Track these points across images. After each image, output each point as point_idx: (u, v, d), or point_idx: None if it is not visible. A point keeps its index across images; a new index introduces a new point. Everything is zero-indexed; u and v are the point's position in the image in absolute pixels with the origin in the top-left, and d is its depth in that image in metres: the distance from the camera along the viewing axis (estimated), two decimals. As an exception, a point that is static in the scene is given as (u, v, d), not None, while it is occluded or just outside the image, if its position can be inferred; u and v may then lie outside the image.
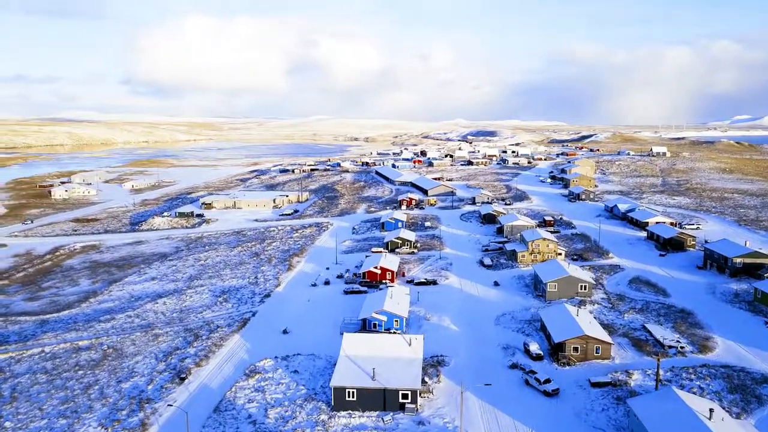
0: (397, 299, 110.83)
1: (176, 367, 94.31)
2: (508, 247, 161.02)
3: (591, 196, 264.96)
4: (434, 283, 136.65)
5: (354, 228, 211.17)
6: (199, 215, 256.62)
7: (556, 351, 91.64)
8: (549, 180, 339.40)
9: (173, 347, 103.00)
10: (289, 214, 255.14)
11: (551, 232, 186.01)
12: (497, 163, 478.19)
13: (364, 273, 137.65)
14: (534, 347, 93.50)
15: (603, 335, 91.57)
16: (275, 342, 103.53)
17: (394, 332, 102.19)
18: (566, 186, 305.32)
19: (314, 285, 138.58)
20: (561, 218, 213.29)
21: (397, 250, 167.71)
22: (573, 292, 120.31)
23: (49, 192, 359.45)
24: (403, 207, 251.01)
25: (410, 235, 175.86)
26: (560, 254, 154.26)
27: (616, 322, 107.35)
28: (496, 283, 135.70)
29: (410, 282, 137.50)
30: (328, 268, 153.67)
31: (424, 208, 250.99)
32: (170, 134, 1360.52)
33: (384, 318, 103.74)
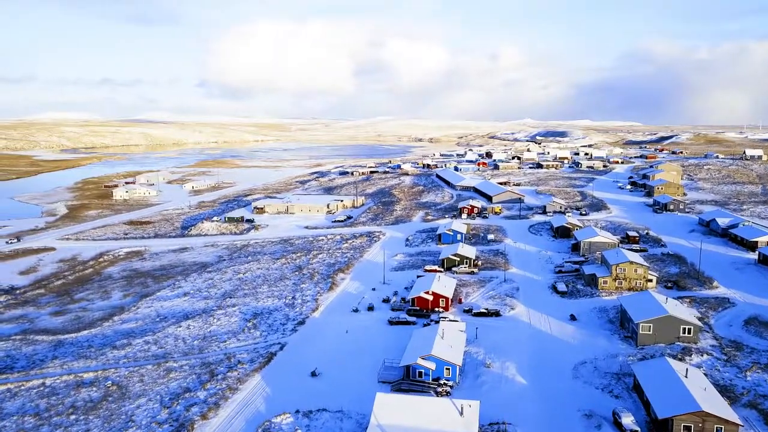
0: (450, 339, 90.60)
1: (179, 417, 78.32)
2: (587, 269, 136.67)
3: (680, 207, 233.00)
4: (497, 314, 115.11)
5: (407, 239, 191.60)
6: (249, 220, 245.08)
7: (659, 429, 68.70)
8: (629, 186, 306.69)
9: (183, 388, 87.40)
10: (341, 221, 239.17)
11: (637, 251, 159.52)
12: (569, 167, 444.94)
13: (413, 299, 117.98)
14: (628, 420, 70.84)
15: (726, 410, 67.78)
16: (300, 388, 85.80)
17: (444, 384, 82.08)
18: (649, 194, 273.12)
19: (356, 310, 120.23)
20: (647, 233, 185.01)
21: (454, 268, 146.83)
22: (673, 336, 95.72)
23: (112, 192, 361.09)
24: (464, 216, 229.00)
25: (470, 251, 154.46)
26: (651, 281, 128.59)
27: (735, 383, 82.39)
28: (572, 317, 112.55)
29: (468, 311, 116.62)
30: (374, 289, 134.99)
31: (487, 217, 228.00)
32: (239, 135, 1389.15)
33: (432, 366, 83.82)
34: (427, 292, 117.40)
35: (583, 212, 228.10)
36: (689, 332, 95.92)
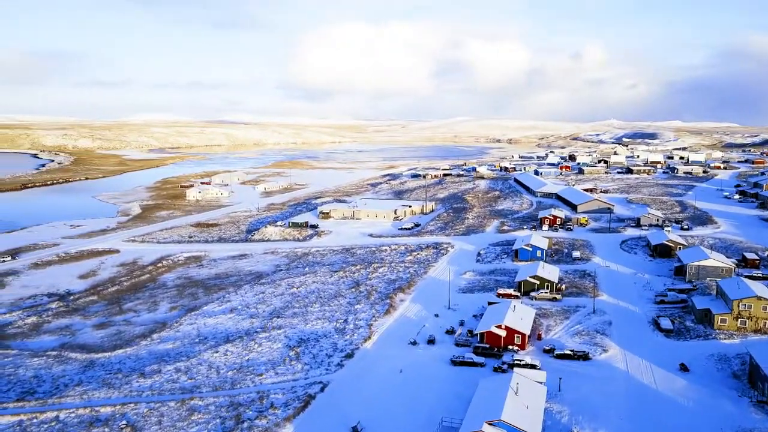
0: (526, 396, 71.77)
1: (189, 480, 64.63)
2: (697, 302, 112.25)
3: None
4: (585, 357, 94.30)
5: (479, 254, 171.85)
6: (313, 226, 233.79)
7: None
8: (737, 196, 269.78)
9: (203, 436, 74.00)
10: (408, 229, 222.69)
11: (759, 278, 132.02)
12: (663, 172, 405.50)
13: (482, 333, 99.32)
14: None
15: None
16: (337, 448, 70.05)
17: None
18: (764, 205, 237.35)
19: (414, 343, 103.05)
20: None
21: (533, 293, 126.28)
22: (831, 408, 71.82)
23: (186, 193, 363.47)
24: (545, 227, 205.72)
25: (552, 273, 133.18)
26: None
27: None
28: (683, 367, 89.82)
29: (549, 351, 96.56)
30: (436, 315, 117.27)
31: (571, 230, 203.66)
32: (316, 136, 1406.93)
33: (501, 434, 65.46)
34: (500, 326, 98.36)
35: (685, 226, 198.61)
36: None
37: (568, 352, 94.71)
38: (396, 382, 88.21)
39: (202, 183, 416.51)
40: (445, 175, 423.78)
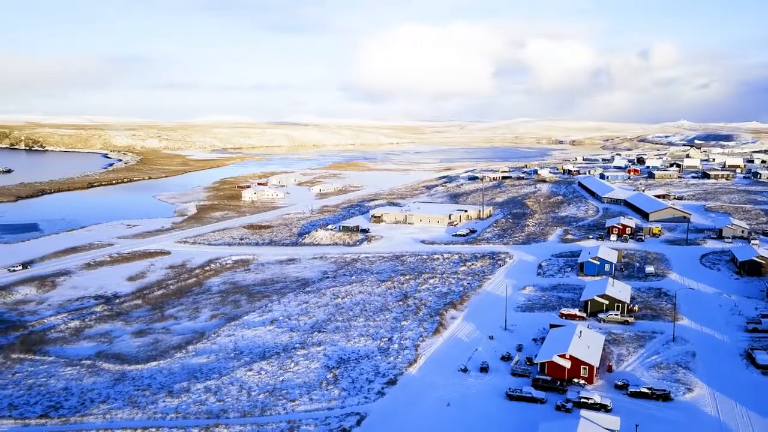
0: (595, 450, 59.83)
1: None
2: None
3: None
4: (666, 397, 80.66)
5: (540, 266, 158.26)
6: (364, 230, 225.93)
7: None
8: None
9: (224, 472, 66.23)
10: (463, 235, 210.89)
11: None
12: (744, 177, 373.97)
13: (543, 363, 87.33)
14: None
15: None
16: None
17: None
18: None
19: (464, 370, 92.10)
20: None
21: (600, 315, 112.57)
22: None
23: (242, 194, 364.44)
24: (613, 237, 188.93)
25: (624, 292, 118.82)
26: None
27: None
28: (789, 417, 75.01)
29: (622, 388, 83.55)
30: (491, 338, 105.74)
31: (643, 240, 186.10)
32: (375, 137, 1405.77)
33: (567, 502, 53.96)
34: (563, 355, 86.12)
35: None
36: None
37: (645, 391, 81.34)
38: (442, 417, 77.80)
39: (258, 184, 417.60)
40: (504, 177, 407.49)
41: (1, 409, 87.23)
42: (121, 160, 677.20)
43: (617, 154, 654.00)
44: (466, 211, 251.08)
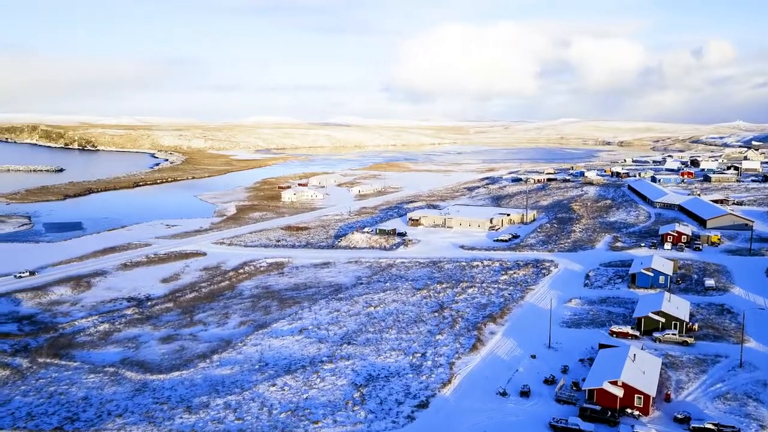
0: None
1: None
2: None
3: None
4: (734, 435, 70.98)
5: (587, 276, 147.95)
6: (401, 234, 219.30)
7: None
8: None
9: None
10: (504, 241, 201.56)
11: None
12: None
13: (591, 391, 78.58)
14: None
15: None
16: None
17: None
18: None
19: (503, 394, 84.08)
20: None
21: (656, 334, 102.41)
22: None
23: (281, 194, 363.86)
24: (667, 245, 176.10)
25: (682, 309, 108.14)
26: None
27: None
28: None
29: (682, 422, 74.10)
30: (533, 357, 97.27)
31: (700, 249, 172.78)
32: (417, 138, 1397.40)
33: None
34: (615, 382, 77.20)
35: None
36: None
37: (711, 427, 71.68)
38: (477, 449, 70.38)
39: (299, 185, 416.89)
40: (549, 179, 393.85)
41: (19, 418, 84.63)
42: (167, 160, 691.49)
43: (669, 156, 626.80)
44: (508, 214, 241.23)
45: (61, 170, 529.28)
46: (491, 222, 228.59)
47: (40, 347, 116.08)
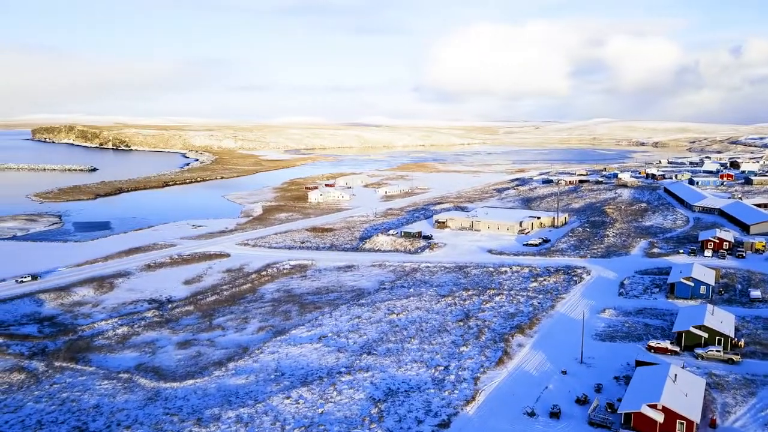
0: None
1: None
2: None
3: None
4: (790, 470, 64.06)
5: (622, 284, 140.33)
6: (426, 237, 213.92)
7: None
8: None
9: None
10: (535, 245, 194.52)
11: None
12: None
13: (628, 414, 72.34)
14: None
15: None
16: None
17: None
18: None
19: (531, 414, 78.36)
20: None
21: (699, 351, 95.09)
22: None
23: (308, 195, 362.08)
24: (708, 252, 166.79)
25: (726, 323, 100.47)
26: None
27: None
28: None
29: (729, 452, 67.52)
30: (564, 372, 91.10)
31: (744, 257, 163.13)
32: (446, 138, 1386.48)
33: None
34: (654, 406, 70.85)
35: None
36: None
37: (763, 459, 64.96)
38: (502, 477, 64.99)
39: (326, 185, 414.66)
40: (581, 181, 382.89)
41: (29, 426, 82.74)
42: (197, 160, 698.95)
43: (706, 157, 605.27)
44: (538, 217, 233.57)
45: (94, 170, 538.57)
46: (521, 225, 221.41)
47: (57, 350, 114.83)
